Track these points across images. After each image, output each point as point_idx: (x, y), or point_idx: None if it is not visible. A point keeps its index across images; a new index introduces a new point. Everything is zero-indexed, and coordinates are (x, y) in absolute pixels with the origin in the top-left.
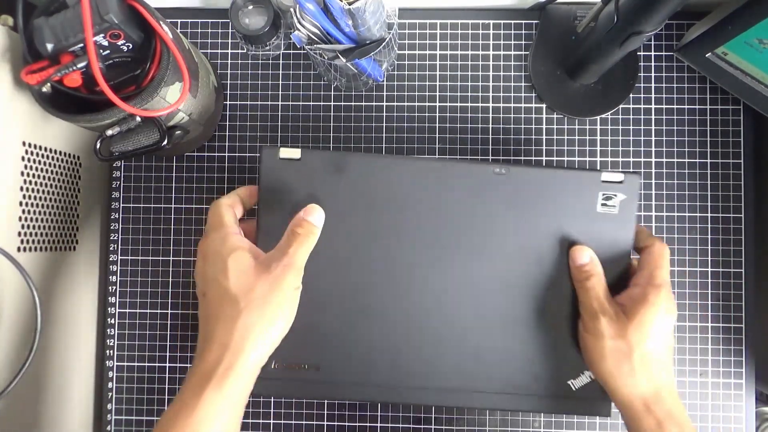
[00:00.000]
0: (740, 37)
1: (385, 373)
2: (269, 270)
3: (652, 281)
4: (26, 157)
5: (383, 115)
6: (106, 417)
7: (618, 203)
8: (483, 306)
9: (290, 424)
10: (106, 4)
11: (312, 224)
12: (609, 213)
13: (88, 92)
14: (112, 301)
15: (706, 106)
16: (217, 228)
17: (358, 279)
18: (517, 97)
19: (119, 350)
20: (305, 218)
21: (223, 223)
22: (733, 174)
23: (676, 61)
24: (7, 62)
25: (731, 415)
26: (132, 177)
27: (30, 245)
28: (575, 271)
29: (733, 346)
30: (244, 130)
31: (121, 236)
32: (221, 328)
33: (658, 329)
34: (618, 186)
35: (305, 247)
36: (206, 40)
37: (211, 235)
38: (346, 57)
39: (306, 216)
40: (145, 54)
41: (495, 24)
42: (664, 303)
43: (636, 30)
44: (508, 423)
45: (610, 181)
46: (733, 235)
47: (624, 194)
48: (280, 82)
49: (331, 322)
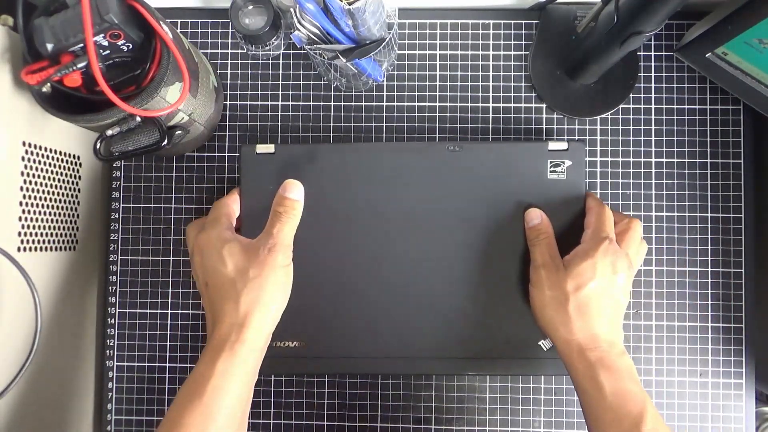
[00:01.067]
0: (740, 37)
1: (366, 346)
2: (258, 254)
3: (592, 236)
4: (26, 157)
5: (383, 115)
6: (106, 417)
7: (566, 169)
8: (452, 275)
9: (290, 424)
10: (106, 4)
11: (292, 200)
12: (558, 179)
13: (88, 92)
14: (112, 301)
15: (706, 106)
16: (213, 224)
17: (335, 258)
18: (517, 97)
19: (119, 350)
20: (285, 195)
21: (220, 221)
22: (733, 174)
23: (676, 61)
24: (7, 62)
25: (731, 415)
26: (132, 177)
27: (30, 245)
28: (528, 232)
29: (733, 346)
30: (244, 130)
31: (121, 236)
32: (227, 308)
33: (596, 281)
34: (564, 153)
35: (289, 225)
36: (206, 40)
37: (207, 230)
38: (346, 57)
39: (285, 193)
40: (145, 54)
41: (495, 24)
42: (602, 256)
43: (636, 30)
44: (508, 423)
45: (557, 150)
46: (733, 235)
47: (570, 160)
48: (280, 82)
49: (315, 301)
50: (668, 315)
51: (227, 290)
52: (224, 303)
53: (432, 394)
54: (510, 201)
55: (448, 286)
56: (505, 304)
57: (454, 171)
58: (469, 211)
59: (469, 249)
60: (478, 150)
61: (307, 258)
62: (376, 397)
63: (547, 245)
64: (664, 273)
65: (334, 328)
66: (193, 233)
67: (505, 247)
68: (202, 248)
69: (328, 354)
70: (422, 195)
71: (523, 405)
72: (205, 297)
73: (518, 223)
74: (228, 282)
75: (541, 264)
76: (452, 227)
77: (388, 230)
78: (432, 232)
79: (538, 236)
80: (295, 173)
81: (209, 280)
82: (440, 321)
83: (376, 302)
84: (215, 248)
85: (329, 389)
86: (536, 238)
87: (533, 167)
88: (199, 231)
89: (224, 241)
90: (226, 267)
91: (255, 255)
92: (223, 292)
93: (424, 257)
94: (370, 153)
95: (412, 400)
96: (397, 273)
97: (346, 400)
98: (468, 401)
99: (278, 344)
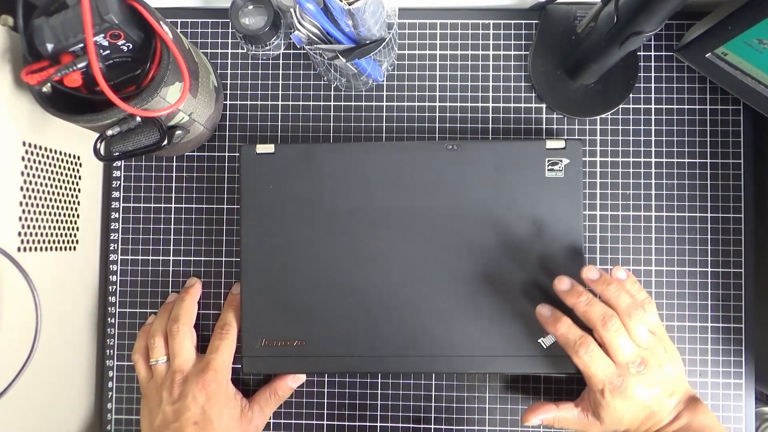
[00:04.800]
0: (740, 37)
1: (365, 344)
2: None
3: (590, 388)
4: (26, 157)
5: (383, 115)
6: (106, 417)
7: (563, 168)
8: (451, 274)
9: (290, 424)
10: (106, 4)
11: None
12: (556, 177)
13: (89, 92)
14: (112, 301)
15: (706, 106)
16: (225, 373)
17: (334, 257)
18: (517, 97)
19: (119, 350)
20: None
21: (228, 370)
22: (733, 174)
23: (676, 61)
24: (7, 62)
25: (731, 415)
26: (132, 177)
27: (30, 245)
28: None
29: (733, 346)
30: (244, 130)
31: (121, 236)
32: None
33: (620, 418)
34: (562, 152)
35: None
36: (206, 40)
37: (220, 378)
38: (346, 57)
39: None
40: (145, 54)
41: (495, 24)
42: (610, 403)
43: (636, 30)
44: (508, 423)
45: (554, 148)
46: (732, 235)
47: (568, 159)
48: (280, 82)
49: (314, 300)
50: (668, 315)
51: None
52: None
53: (432, 394)
54: (508, 199)
55: (448, 284)
56: (506, 302)
57: (453, 170)
58: (468, 209)
59: (469, 247)
60: (476, 149)
61: (307, 257)
62: (376, 397)
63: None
64: (664, 273)
65: (334, 326)
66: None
67: (505, 245)
68: (211, 395)
69: (328, 352)
70: (421, 194)
71: (523, 405)
72: (182, 429)
73: (517, 222)
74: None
75: None
76: (451, 226)
77: (388, 229)
78: (431, 231)
79: None
80: (294, 173)
81: (203, 423)
82: (440, 319)
83: (376, 301)
84: (229, 405)
85: (329, 389)
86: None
87: (531, 165)
88: (207, 368)
89: (239, 402)
90: (230, 426)
91: (247, 425)
92: None
93: (424, 255)
94: (369, 152)
95: (412, 400)
96: (396, 271)
97: (346, 399)
98: (468, 401)
99: (278, 343)
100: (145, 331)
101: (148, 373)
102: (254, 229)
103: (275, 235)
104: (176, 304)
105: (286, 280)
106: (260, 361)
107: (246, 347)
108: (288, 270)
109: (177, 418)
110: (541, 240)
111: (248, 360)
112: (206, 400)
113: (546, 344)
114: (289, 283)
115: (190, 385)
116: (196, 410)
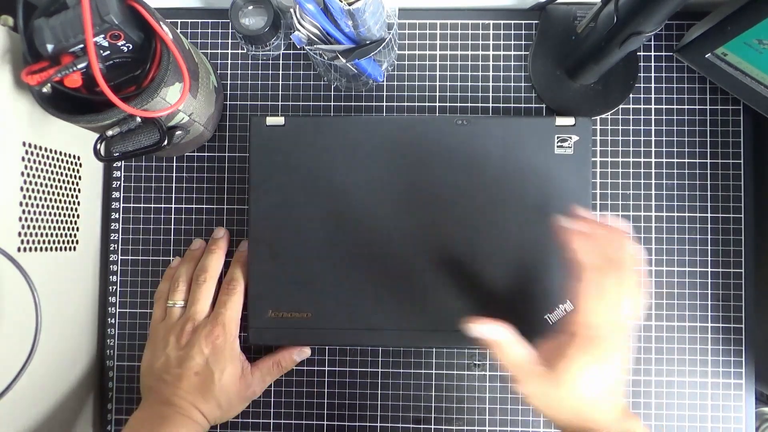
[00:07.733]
0: (740, 37)
1: (371, 318)
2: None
3: (569, 327)
4: (26, 158)
5: (383, 115)
6: (106, 417)
7: (573, 144)
8: (458, 249)
9: (290, 424)
10: (106, 5)
11: None
12: (565, 154)
13: (89, 93)
14: (112, 301)
15: (706, 107)
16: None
17: (341, 230)
18: (517, 97)
19: (119, 350)
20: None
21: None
22: (733, 174)
23: (676, 61)
24: (7, 63)
25: (731, 415)
26: (132, 177)
27: (30, 245)
28: None
29: (733, 346)
30: (244, 130)
31: (121, 236)
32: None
33: (580, 381)
34: (571, 129)
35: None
36: (206, 40)
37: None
38: (346, 57)
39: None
40: (145, 54)
41: (495, 24)
42: (579, 355)
43: (636, 30)
44: (508, 423)
45: (564, 125)
46: (732, 235)
47: (577, 135)
48: (280, 82)
49: (322, 273)
50: (668, 315)
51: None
52: (207, 400)
53: (432, 394)
54: (517, 175)
55: (455, 259)
56: (513, 277)
57: (462, 144)
58: (477, 184)
59: (475, 222)
60: (485, 124)
61: (315, 230)
62: (376, 397)
63: (516, 355)
64: (663, 273)
65: (341, 299)
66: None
67: (512, 220)
68: (217, 349)
69: (334, 325)
70: (429, 168)
71: (523, 404)
72: (182, 376)
73: (525, 198)
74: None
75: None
76: (460, 200)
77: (396, 202)
78: (439, 205)
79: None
80: (304, 145)
81: (204, 375)
82: (446, 294)
83: (383, 274)
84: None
85: (329, 389)
86: None
87: (540, 142)
88: (216, 322)
89: (241, 363)
90: (229, 384)
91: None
92: (212, 394)
93: (432, 229)
94: (379, 125)
95: (412, 399)
96: (403, 245)
97: (346, 400)
98: (468, 401)
99: (285, 315)
100: (169, 275)
101: (162, 314)
102: (263, 201)
103: (283, 208)
104: (206, 255)
105: (294, 252)
106: (267, 332)
107: (252, 318)
108: (296, 243)
109: (179, 365)
110: (550, 217)
111: (254, 331)
112: (211, 353)
113: (552, 320)
114: (296, 256)
115: (198, 336)
116: (200, 361)
